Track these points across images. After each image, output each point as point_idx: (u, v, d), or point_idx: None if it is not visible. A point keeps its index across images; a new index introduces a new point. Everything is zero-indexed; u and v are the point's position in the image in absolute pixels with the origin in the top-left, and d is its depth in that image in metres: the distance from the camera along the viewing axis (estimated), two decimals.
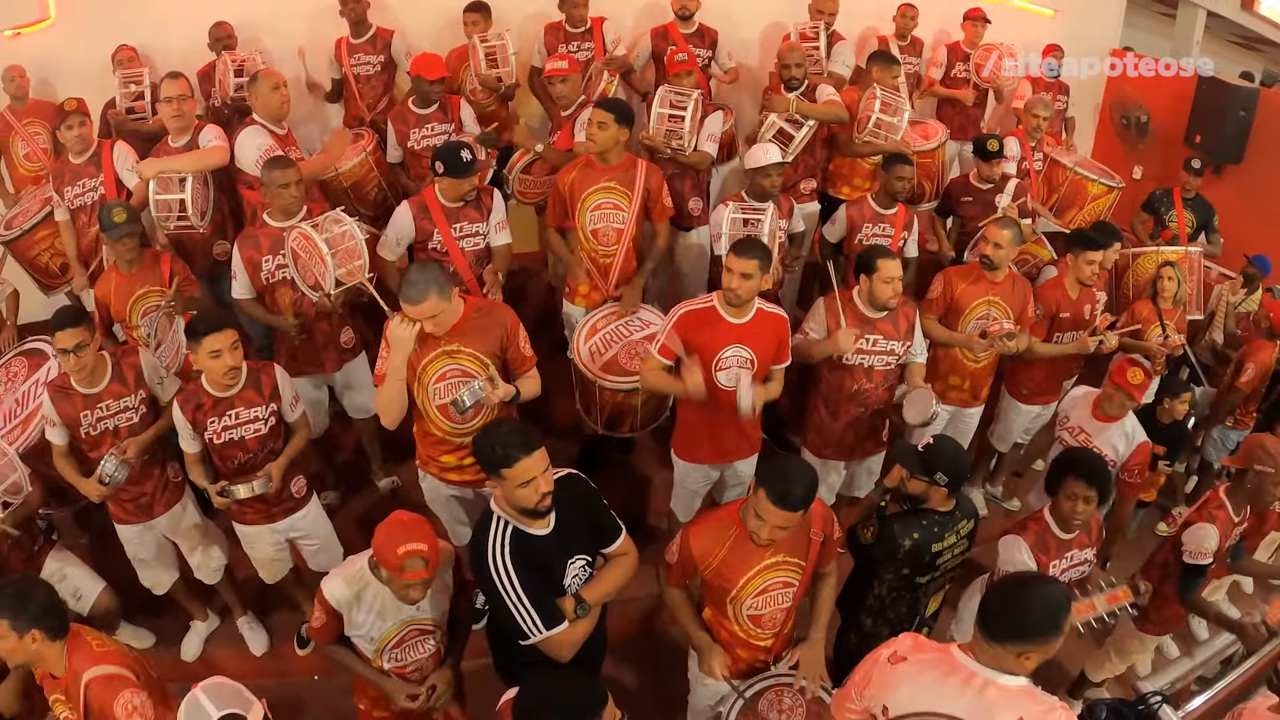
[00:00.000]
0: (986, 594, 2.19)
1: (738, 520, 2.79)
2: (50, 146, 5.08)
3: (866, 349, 3.74)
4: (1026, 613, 2.04)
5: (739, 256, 3.30)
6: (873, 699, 2.25)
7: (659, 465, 4.01)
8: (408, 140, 4.81)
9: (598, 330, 4.12)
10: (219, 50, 5.12)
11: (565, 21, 5.52)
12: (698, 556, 2.80)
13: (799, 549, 2.82)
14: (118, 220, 3.77)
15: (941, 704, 2.09)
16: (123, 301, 3.95)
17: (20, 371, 3.92)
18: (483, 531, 2.62)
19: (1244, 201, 6.31)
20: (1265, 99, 6.38)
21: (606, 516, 2.82)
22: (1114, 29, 7.43)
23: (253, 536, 3.66)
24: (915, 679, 2.15)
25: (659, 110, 4.50)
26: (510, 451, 2.47)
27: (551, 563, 2.66)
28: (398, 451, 4.52)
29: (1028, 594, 2.09)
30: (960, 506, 3.07)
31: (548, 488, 2.53)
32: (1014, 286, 4.15)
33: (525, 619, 2.55)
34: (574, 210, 4.11)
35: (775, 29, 6.12)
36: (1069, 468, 3.29)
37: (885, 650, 2.26)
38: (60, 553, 3.73)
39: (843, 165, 5.40)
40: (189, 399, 3.35)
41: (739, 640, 2.92)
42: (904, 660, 2.19)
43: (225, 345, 3.21)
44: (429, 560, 2.56)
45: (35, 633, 2.49)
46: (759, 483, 2.65)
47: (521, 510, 2.55)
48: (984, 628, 2.06)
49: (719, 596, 2.86)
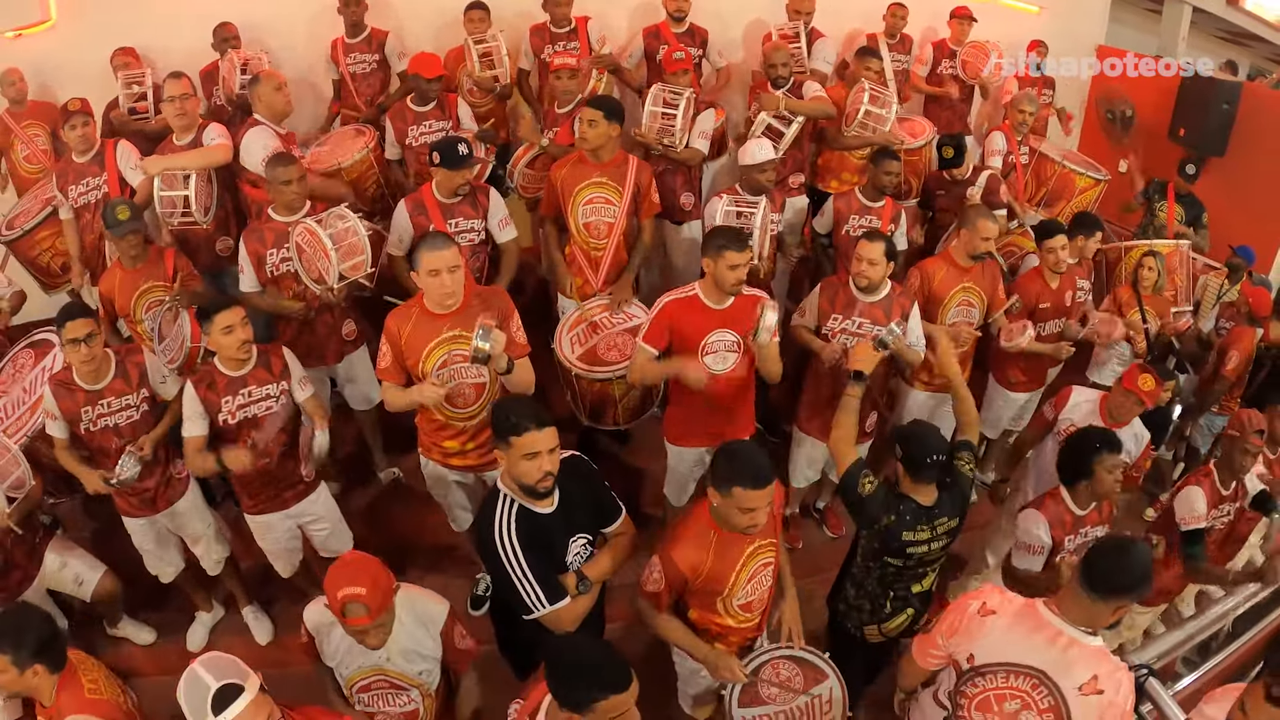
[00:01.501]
0: (1090, 554, 2.32)
1: (712, 524, 2.76)
2: (50, 148, 5.11)
3: (852, 330, 3.86)
4: (1130, 570, 2.27)
5: (739, 251, 3.35)
6: (958, 646, 2.43)
7: (653, 454, 4.08)
8: (406, 138, 4.88)
9: (582, 322, 4.21)
10: (224, 50, 5.18)
11: (549, 22, 5.59)
12: (687, 572, 2.76)
13: (769, 528, 2.87)
14: (122, 218, 3.83)
15: (1027, 657, 2.32)
16: (127, 297, 4.02)
17: (27, 363, 3.97)
18: (489, 509, 2.69)
19: (1227, 194, 6.40)
20: (1248, 93, 6.48)
21: (607, 497, 2.91)
22: (1099, 25, 7.52)
23: (265, 526, 3.71)
24: (1005, 632, 2.35)
25: (652, 108, 4.59)
26: (522, 421, 2.54)
27: (555, 540, 2.74)
28: (399, 442, 4.60)
29: (1130, 553, 2.30)
30: (942, 504, 3.03)
31: (551, 468, 2.59)
32: (984, 271, 4.27)
33: (530, 594, 2.63)
34: (566, 204, 4.19)
35: (759, 26, 6.22)
36: (1101, 446, 3.31)
37: (974, 602, 2.43)
38: (60, 543, 3.80)
39: (831, 160, 5.50)
40: (202, 378, 3.41)
41: (730, 630, 2.98)
42: (993, 613, 2.37)
43: (236, 320, 3.29)
44: (370, 607, 2.41)
45: (37, 666, 2.50)
46: (726, 485, 2.60)
47: (522, 486, 2.62)
48: (1090, 585, 2.26)
49: (708, 599, 2.88)
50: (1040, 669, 2.31)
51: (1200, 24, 7.58)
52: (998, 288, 4.32)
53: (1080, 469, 3.37)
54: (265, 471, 3.54)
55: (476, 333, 2.92)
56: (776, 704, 2.94)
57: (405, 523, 4.57)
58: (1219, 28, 7.69)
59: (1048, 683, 2.30)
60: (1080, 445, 3.41)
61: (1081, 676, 2.27)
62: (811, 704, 2.94)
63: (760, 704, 2.94)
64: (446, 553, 4.36)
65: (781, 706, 2.94)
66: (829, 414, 3.74)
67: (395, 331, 3.27)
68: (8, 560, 3.55)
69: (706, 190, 5.39)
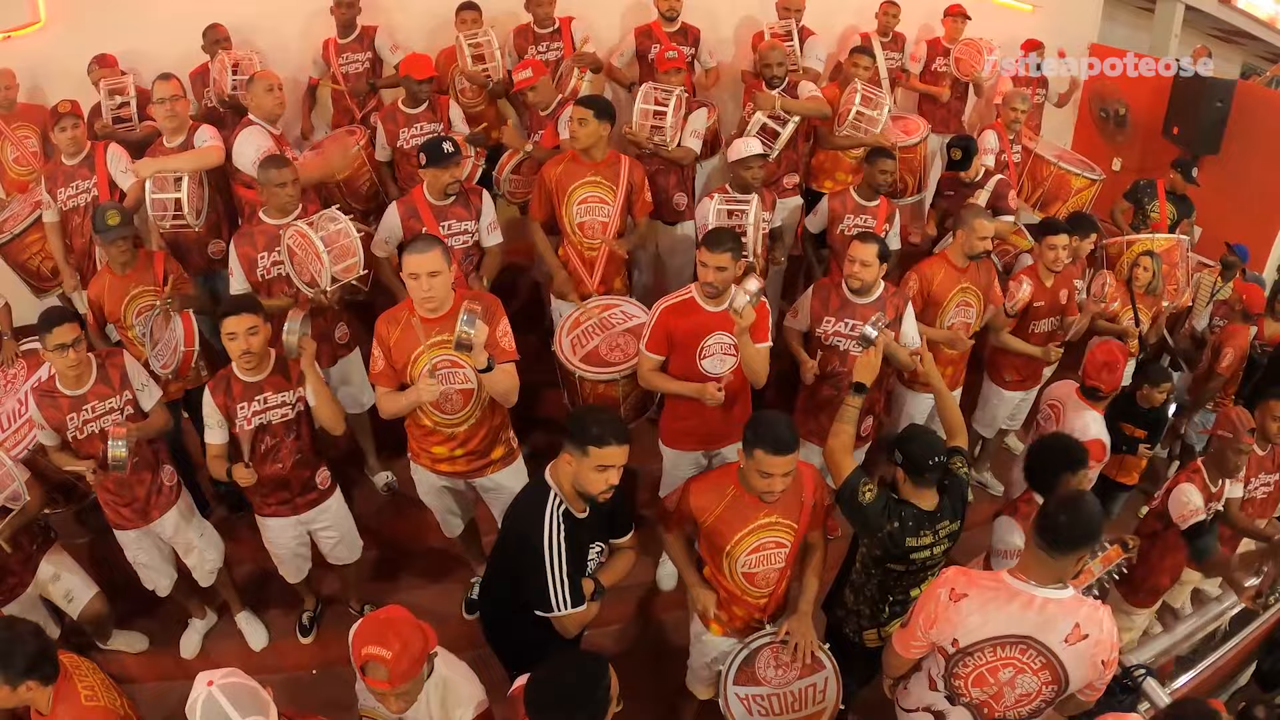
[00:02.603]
0: (1042, 517, 2.40)
1: (736, 481, 2.92)
2: (40, 150, 5.09)
3: (844, 332, 3.86)
4: (1085, 522, 2.39)
5: (712, 251, 3.37)
6: (940, 634, 2.50)
7: (650, 456, 4.06)
8: (397, 139, 4.86)
9: (581, 323, 4.18)
10: (214, 52, 5.16)
11: (533, 22, 5.57)
12: (696, 509, 2.95)
13: (792, 510, 2.94)
14: (111, 223, 3.79)
15: (1010, 627, 2.41)
16: (117, 302, 3.98)
17: (20, 374, 3.94)
18: (537, 504, 2.71)
19: (1221, 192, 6.41)
20: (1242, 91, 6.49)
21: (623, 511, 2.97)
22: (1092, 24, 7.53)
23: (276, 530, 3.70)
24: (982, 610, 2.43)
25: (642, 106, 4.57)
26: (606, 434, 2.58)
27: (583, 545, 2.79)
28: (392, 446, 4.56)
29: (1081, 505, 2.43)
30: (944, 508, 3.03)
31: (616, 481, 2.65)
32: (980, 270, 4.27)
33: (559, 593, 2.67)
34: (560, 204, 4.17)
35: (750, 25, 6.23)
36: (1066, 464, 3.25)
37: (942, 590, 2.51)
38: (56, 554, 3.76)
39: (826, 160, 5.49)
40: (219, 385, 3.38)
41: (735, 597, 3.05)
42: (965, 596, 2.45)
43: (241, 329, 3.23)
44: (392, 673, 2.26)
45: (30, 683, 2.47)
46: (750, 447, 2.76)
47: (582, 493, 2.67)
48: (1052, 543, 2.36)
49: (715, 550, 2.99)
50: (1024, 635, 2.41)
51: (1193, 22, 7.59)
52: (994, 286, 4.32)
53: (1045, 483, 3.29)
54: (279, 476, 3.52)
55: (461, 317, 2.87)
56: (771, 686, 2.99)
57: (400, 526, 4.55)
58: (1212, 26, 7.70)
59: (1035, 645, 2.41)
60: (1047, 458, 3.33)
61: (1065, 629, 2.38)
62: (805, 691, 2.99)
63: (755, 684, 3.00)
64: (441, 557, 4.35)
65: (776, 689, 2.99)
66: (824, 418, 3.75)
67: (385, 335, 3.25)
68: (3, 566, 3.53)
69: (700, 191, 5.38)
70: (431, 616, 4.13)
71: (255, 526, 3.76)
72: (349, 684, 3.13)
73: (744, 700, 2.97)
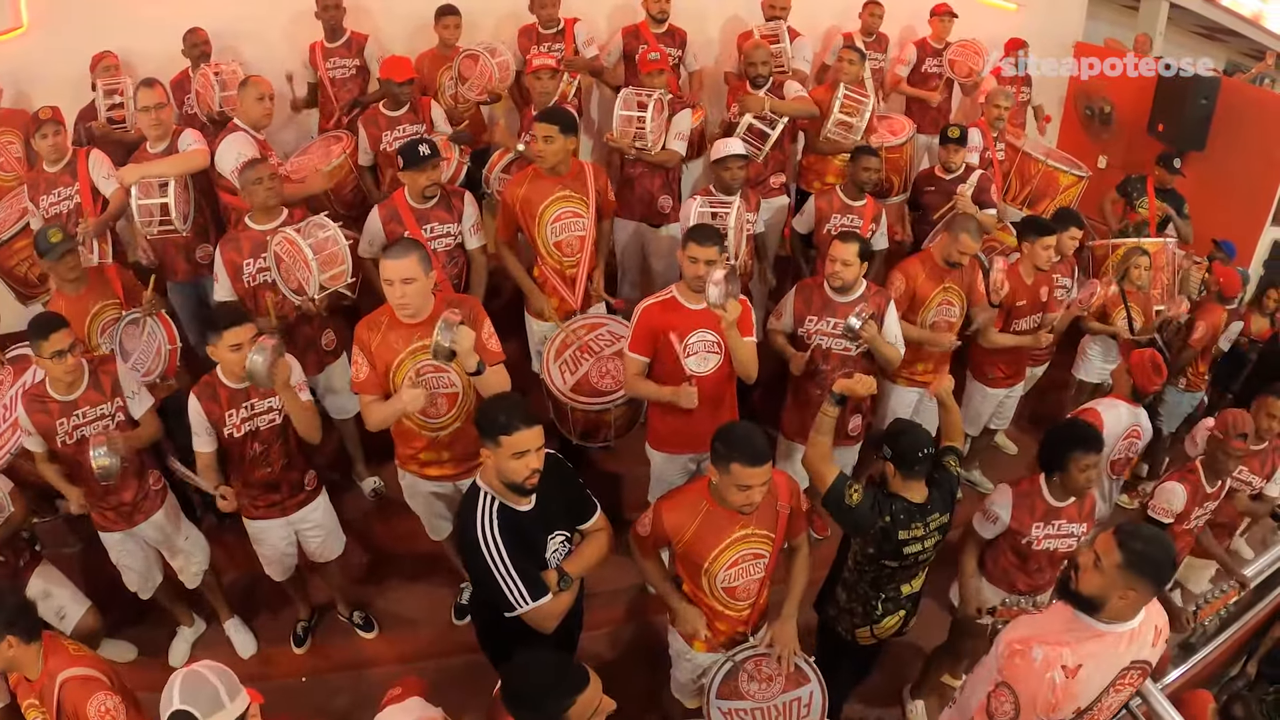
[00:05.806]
0: (1142, 555, 2.30)
1: (708, 495, 2.85)
2: (24, 156, 5.04)
3: (827, 330, 3.87)
4: (1172, 552, 2.42)
5: (700, 245, 3.37)
6: (1064, 713, 2.41)
7: (635, 460, 4.06)
8: (380, 143, 4.85)
9: (569, 345, 4.09)
10: (195, 58, 5.13)
11: (537, 23, 5.57)
12: (671, 529, 2.88)
13: (768, 521, 2.91)
14: (54, 240, 3.68)
15: (1118, 666, 2.43)
16: (79, 323, 3.82)
17: (5, 379, 3.91)
18: (470, 508, 2.69)
19: (1206, 188, 6.43)
20: (1226, 88, 6.52)
21: (583, 494, 2.94)
22: (1077, 22, 7.55)
23: (263, 531, 3.68)
24: (1099, 669, 2.40)
25: (621, 112, 4.54)
26: (513, 420, 2.55)
27: (534, 538, 2.75)
28: (379, 452, 4.54)
29: (1166, 540, 2.44)
30: (933, 500, 3.08)
31: (538, 465, 2.61)
32: (962, 268, 4.27)
33: (512, 591, 2.64)
34: (530, 225, 4.07)
35: (736, 25, 6.24)
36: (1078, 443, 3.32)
37: (1052, 673, 2.33)
38: (45, 570, 3.72)
39: (815, 160, 5.49)
40: (204, 392, 3.34)
41: (716, 613, 3.02)
42: (1080, 667, 2.37)
43: (245, 339, 3.21)
44: None
45: (10, 639, 2.47)
46: (725, 461, 2.69)
47: (508, 484, 2.63)
48: (1157, 580, 2.35)
49: (693, 569, 2.95)
50: (1128, 666, 2.45)
51: (1177, 19, 7.63)
52: (976, 284, 4.34)
53: (1054, 461, 3.38)
54: (269, 480, 3.52)
55: (438, 327, 2.84)
56: (754, 700, 2.97)
57: (388, 532, 4.53)
58: (1196, 23, 7.74)
59: (1137, 666, 2.47)
60: (1059, 437, 3.43)
61: (1149, 637, 2.45)
62: (790, 705, 2.96)
63: (739, 698, 2.97)
64: (430, 562, 4.32)
65: (759, 703, 2.96)
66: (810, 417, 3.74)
67: (366, 340, 3.22)
68: None
69: (687, 193, 5.37)
70: (421, 623, 4.20)
71: (243, 533, 3.74)
72: (338, 691, 3.14)
73: (727, 715, 2.94)
